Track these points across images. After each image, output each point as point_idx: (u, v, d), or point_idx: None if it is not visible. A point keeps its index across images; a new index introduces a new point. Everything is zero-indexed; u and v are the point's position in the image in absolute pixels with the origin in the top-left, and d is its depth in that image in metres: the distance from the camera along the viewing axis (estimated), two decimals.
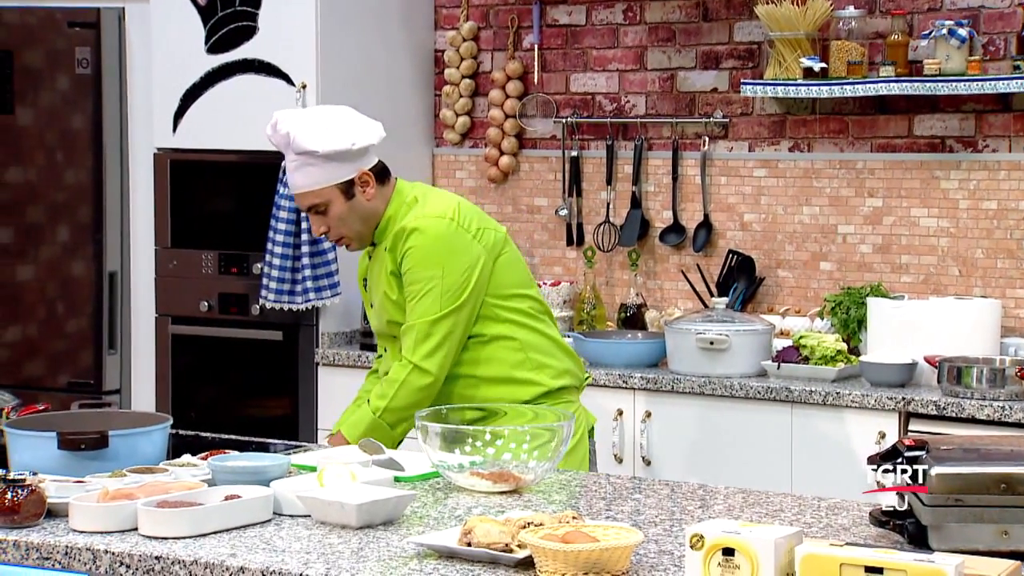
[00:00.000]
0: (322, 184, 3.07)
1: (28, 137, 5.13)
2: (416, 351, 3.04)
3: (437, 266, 3.05)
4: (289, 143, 3.06)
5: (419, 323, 3.04)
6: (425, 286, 3.04)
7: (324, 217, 3.10)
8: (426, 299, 3.04)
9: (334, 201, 3.08)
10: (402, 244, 3.07)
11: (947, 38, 4.19)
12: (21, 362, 5.18)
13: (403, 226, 3.07)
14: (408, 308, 3.07)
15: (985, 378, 3.81)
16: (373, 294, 3.19)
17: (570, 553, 2.05)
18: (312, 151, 3.05)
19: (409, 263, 3.06)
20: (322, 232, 3.12)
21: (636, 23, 4.82)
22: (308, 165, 3.06)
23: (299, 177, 3.08)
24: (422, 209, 3.11)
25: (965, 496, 2.17)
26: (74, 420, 2.79)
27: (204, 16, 4.82)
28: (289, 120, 3.09)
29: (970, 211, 4.38)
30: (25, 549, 2.32)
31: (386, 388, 3.07)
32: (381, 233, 3.13)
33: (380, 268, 3.14)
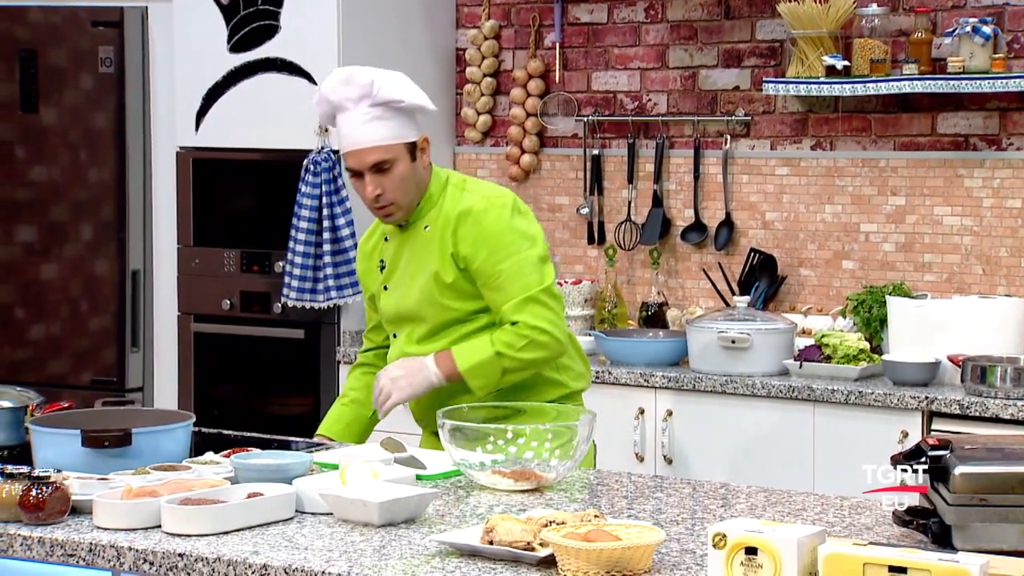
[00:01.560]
0: (396, 139, 2.98)
1: (52, 136, 5.16)
2: (542, 318, 2.95)
3: (522, 239, 2.99)
4: (370, 92, 2.96)
5: (533, 293, 2.95)
6: (517, 261, 2.97)
7: (385, 177, 2.98)
8: (523, 273, 2.96)
9: (400, 160, 2.99)
10: (471, 227, 2.98)
11: (971, 35, 4.17)
12: (45, 360, 5.21)
13: (467, 208, 2.99)
14: (503, 285, 2.96)
15: (1009, 377, 3.79)
16: (402, 276, 3.08)
17: (592, 552, 2.05)
18: (397, 100, 2.97)
19: (492, 243, 2.97)
20: (376, 194, 2.99)
21: (658, 21, 4.82)
22: (383, 119, 2.97)
23: (372, 130, 2.97)
24: (479, 190, 3.06)
25: (989, 496, 2.16)
26: (98, 418, 2.80)
27: (226, 15, 4.84)
28: (367, 71, 3.00)
29: (994, 209, 4.36)
30: (50, 546, 2.33)
31: (513, 339, 2.95)
32: (418, 212, 3.05)
33: (425, 247, 3.03)
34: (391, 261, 3.12)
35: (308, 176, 4.64)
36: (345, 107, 3.00)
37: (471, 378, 2.96)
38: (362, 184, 3.01)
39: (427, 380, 2.99)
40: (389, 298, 3.13)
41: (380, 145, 2.98)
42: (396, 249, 3.11)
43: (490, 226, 2.98)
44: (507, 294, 2.97)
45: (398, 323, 3.13)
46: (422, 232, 3.05)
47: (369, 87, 2.97)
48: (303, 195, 4.63)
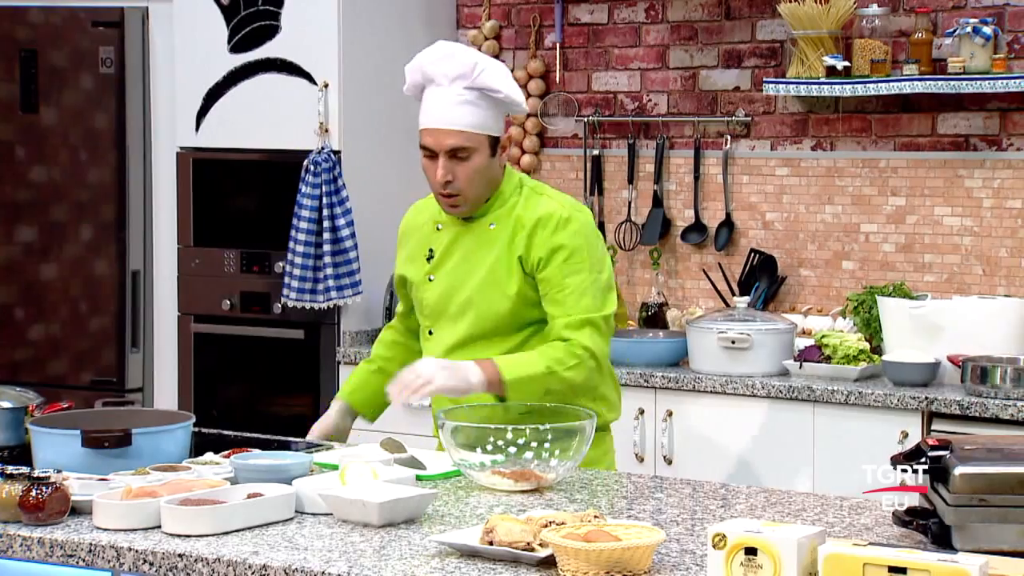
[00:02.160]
0: (482, 129, 2.87)
1: (52, 136, 5.16)
2: (595, 343, 2.87)
3: (595, 261, 2.92)
4: (469, 73, 2.85)
5: (595, 317, 2.87)
6: (587, 279, 2.88)
7: (459, 165, 2.87)
8: (589, 293, 2.88)
9: (480, 152, 2.88)
10: (551, 232, 2.89)
11: (971, 36, 4.17)
12: (45, 360, 5.21)
13: (549, 213, 2.90)
14: (567, 299, 2.87)
15: (1009, 378, 3.79)
16: (457, 268, 2.96)
17: (592, 552, 2.05)
18: (494, 89, 2.86)
19: (566, 254, 2.88)
20: (446, 179, 2.88)
21: (658, 22, 4.82)
22: (475, 104, 2.87)
23: (462, 113, 2.86)
24: (560, 198, 2.96)
25: (989, 496, 2.16)
26: (98, 418, 2.80)
27: (227, 15, 4.84)
28: (472, 52, 2.93)
29: (994, 210, 4.36)
30: (49, 546, 2.33)
31: (566, 356, 2.86)
32: (487, 207, 2.94)
33: (488, 245, 2.93)
34: (442, 252, 3.00)
35: (308, 176, 4.64)
36: (439, 82, 2.88)
37: (513, 390, 2.84)
38: (433, 165, 2.90)
39: (467, 380, 2.83)
40: (433, 289, 3.00)
41: (464, 131, 2.87)
42: (451, 241, 2.99)
43: (569, 237, 2.89)
44: (567, 309, 2.88)
45: (437, 318, 3.01)
46: (487, 229, 2.95)
47: (470, 68, 2.86)
48: (303, 195, 4.64)
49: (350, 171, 4.69)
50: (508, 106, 2.93)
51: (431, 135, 2.89)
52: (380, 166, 4.83)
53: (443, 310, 2.99)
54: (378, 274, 4.75)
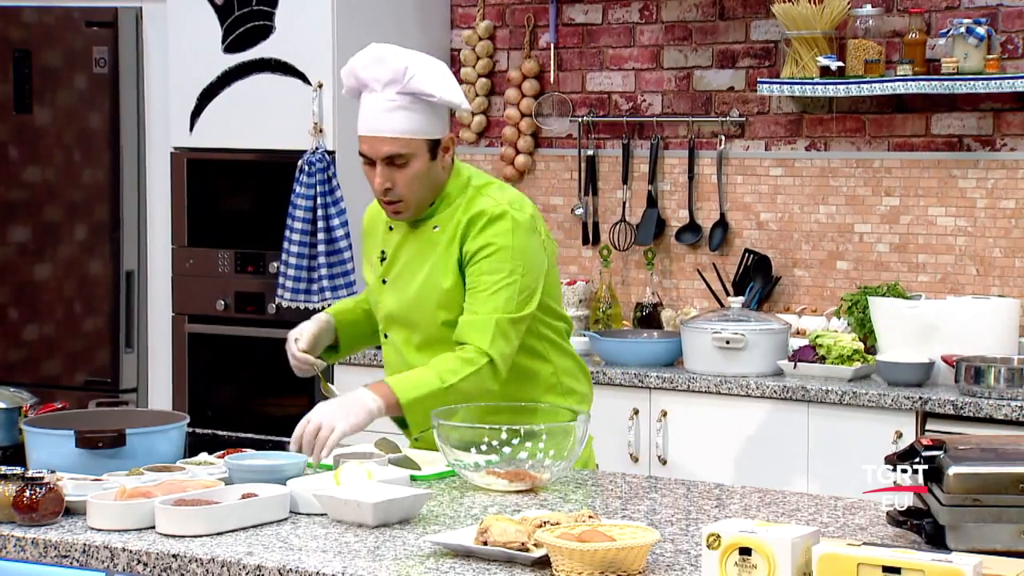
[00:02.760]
0: (417, 134, 2.79)
1: (46, 136, 5.15)
2: (494, 346, 2.77)
3: (519, 262, 2.81)
4: (401, 79, 2.77)
5: (501, 318, 2.77)
6: (504, 280, 2.79)
7: (397, 172, 2.81)
8: (502, 294, 2.78)
9: (418, 157, 2.81)
10: (479, 229, 2.82)
11: (965, 36, 4.17)
12: (39, 361, 5.20)
13: (481, 210, 2.83)
14: (478, 297, 2.80)
15: (1003, 378, 3.80)
16: (403, 273, 2.92)
17: (586, 552, 2.05)
18: (428, 95, 2.78)
19: (489, 251, 2.80)
20: (385, 187, 2.82)
21: (652, 22, 4.82)
22: (408, 109, 2.79)
23: (395, 120, 2.78)
24: (499, 195, 2.87)
25: (983, 496, 2.16)
26: (91, 418, 2.80)
27: (221, 15, 4.83)
28: (402, 55, 2.81)
29: (988, 210, 4.37)
30: (43, 547, 2.32)
31: (459, 367, 2.76)
32: (433, 209, 2.88)
33: (430, 249, 2.88)
34: (392, 254, 2.95)
35: (303, 176, 4.64)
36: (371, 87, 2.81)
37: (411, 411, 2.75)
38: (372, 172, 2.85)
39: (367, 412, 2.73)
40: (386, 295, 2.96)
41: (399, 138, 2.79)
42: (399, 243, 2.94)
43: (496, 235, 2.82)
44: (475, 307, 2.80)
45: (390, 323, 2.98)
46: (430, 232, 2.90)
47: (401, 73, 2.78)
48: (297, 195, 4.63)
49: (344, 171, 4.69)
50: (445, 107, 2.85)
51: (367, 143, 2.83)
52: None
53: (394, 315, 2.95)
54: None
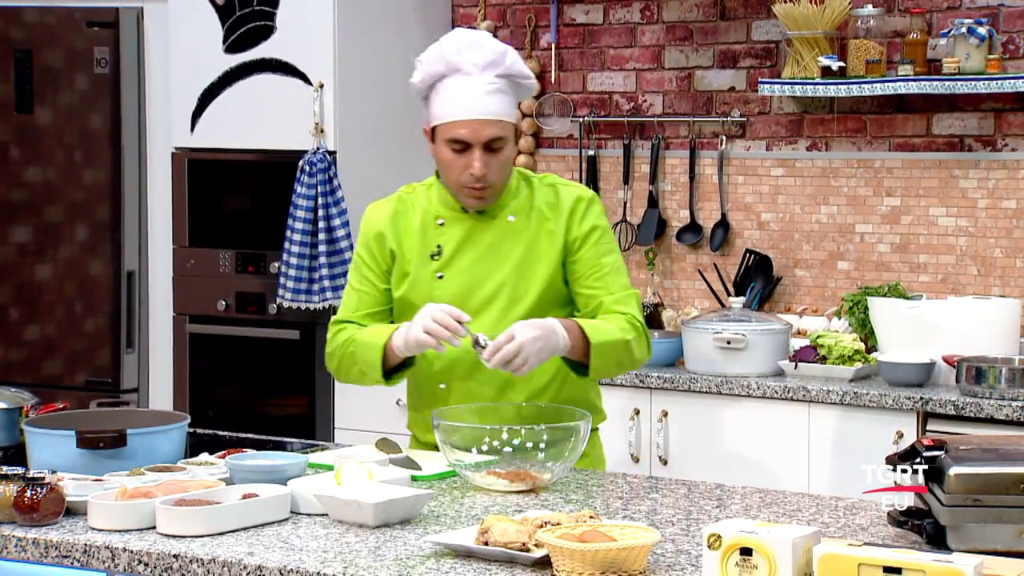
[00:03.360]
0: (511, 118, 2.81)
1: (47, 136, 5.16)
2: (642, 317, 2.88)
3: (616, 243, 2.96)
4: (501, 61, 2.78)
5: (636, 293, 2.89)
6: (618, 259, 2.90)
7: (495, 156, 2.78)
8: (622, 272, 2.90)
9: (510, 141, 2.81)
10: (582, 214, 2.86)
11: (966, 36, 4.17)
12: (40, 361, 5.20)
13: (578, 196, 2.88)
14: (606, 279, 2.85)
15: (1004, 378, 3.80)
16: (470, 265, 2.85)
17: (587, 552, 2.05)
18: (526, 75, 2.81)
19: (598, 234, 2.87)
20: (482, 173, 2.77)
21: (653, 22, 4.82)
22: (505, 92, 2.79)
23: (495, 101, 2.77)
24: (575, 184, 2.96)
25: (984, 496, 2.16)
26: (92, 419, 2.80)
27: (222, 16, 4.84)
28: (495, 40, 2.84)
29: (989, 210, 4.36)
30: (44, 547, 2.33)
31: (629, 328, 2.81)
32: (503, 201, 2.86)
33: (512, 238, 2.84)
34: (454, 248, 2.87)
35: (303, 177, 4.64)
36: (466, 71, 2.76)
37: (596, 356, 2.76)
38: (462, 159, 2.77)
39: (556, 347, 2.73)
40: (445, 287, 2.86)
41: (501, 120, 2.77)
42: (465, 236, 2.87)
43: (597, 217, 2.89)
44: (609, 287, 2.86)
45: None
46: (505, 222, 2.86)
47: (501, 56, 2.78)
48: (298, 196, 4.63)
49: (345, 171, 4.69)
50: (527, 92, 2.89)
51: (467, 126, 2.75)
52: (375, 166, 4.83)
53: (460, 307, 2.81)
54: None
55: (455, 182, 2.82)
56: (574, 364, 2.83)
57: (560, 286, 2.89)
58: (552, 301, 2.88)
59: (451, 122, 2.77)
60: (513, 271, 2.85)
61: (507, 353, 2.67)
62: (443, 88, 2.79)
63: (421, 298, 2.86)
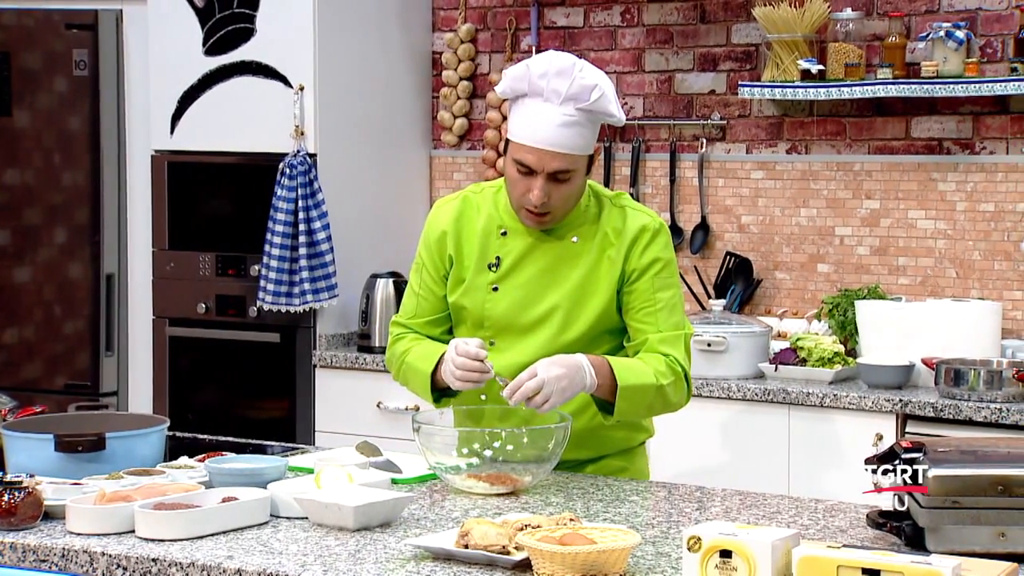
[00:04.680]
0: (585, 151, 2.72)
1: (25, 139, 5.13)
2: (687, 361, 2.80)
3: (677, 276, 2.85)
4: (588, 97, 2.68)
5: (686, 334, 2.80)
6: (676, 296, 2.81)
7: (557, 186, 2.71)
8: (678, 311, 2.81)
9: (579, 172, 2.73)
10: (645, 245, 2.78)
11: (944, 40, 4.19)
12: (18, 364, 5.18)
13: (643, 225, 2.79)
14: (659, 315, 2.78)
15: (982, 380, 3.81)
16: (527, 282, 2.79)
17: (567, 555, 2.05)
18: (610, 114, 2.72)
19: (659, 267, 2.79)
20: (541, 201, 2.70)
21: (634, 25, 4.83)
22: (583, 126, 2.69)
23: (569, 136, 2.68)
24: (645, 209, 2.85)
25: (962, 498, 2.17)
26: (71, 422, 2.79)
27: (202, 18, 4.82)
28: (589, 71, 2.71)
29: (967, 213, 4.38)
30: (22, 551, 2.31)
31: (668, 371, 2.75)
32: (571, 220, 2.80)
33: (572, 259, 2.78)
34: (512, 262, 2.81)
35: (284, 179, 4.63)
36: (547, 97, 2.69)
37: (623, 399, 2.69)
38: (526, 181, 2.71)
39: (582, 385, 2.67)
40: (499, 300, 2.80)
41: (570, 155, 2.70)
42: (525, 250, 2.81)
43: (662, 250, 2.80)
44: (659, 325, 2.78)
45: (502, 330, 2.82)
46: (569, 243, 2.80)
47: (588, 91, 2.68)
48: (279, 198, 4.62)
49: (326, 174, 4.68)
50: (610, 125, 2.82)
51: (534, 154, 2.69)
52: (356, 169, 4.82)
53: (512, 323, 2.80)
54: (354, 277, 4.74)
55: (516, 200, 2.76)
56: (603, 403, 2.76)
57: (614, 314, 2.81)
58: (605, 329, 2.82)
59: (521, 144, 2.71)
60: (569, 294, 2.79)
61: (527, 390, 2.62)
62: (523, 107, 2.73)
63: (475, 307, 2.82)
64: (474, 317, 2.83)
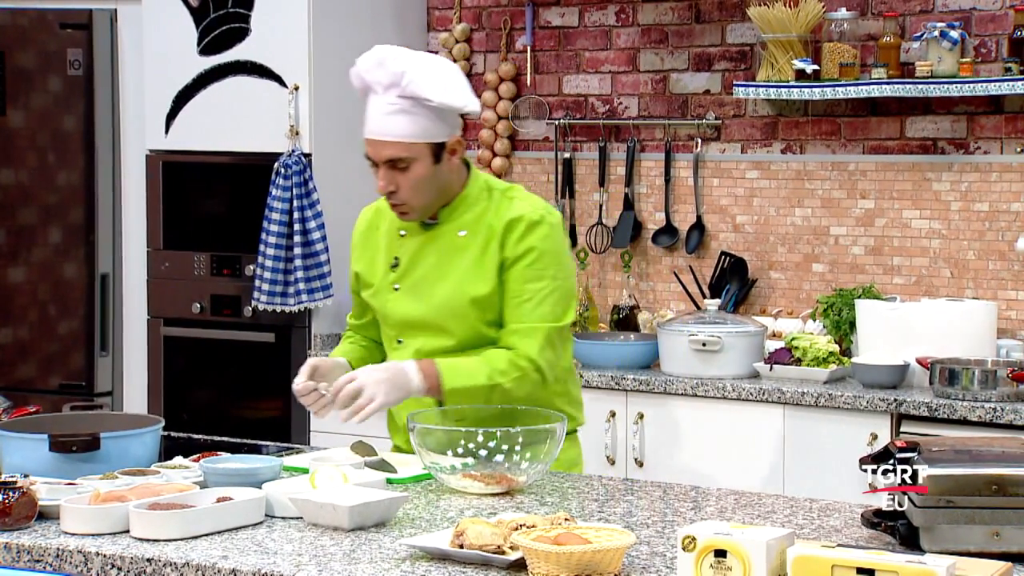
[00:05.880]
0: (418, 138, 2.76)
1: (20, 138, 5.13)
2: (543, 355, 2.79)
3: (559, 267, 2.83)
4: (399, 82, 2.74)
5: (547, 327, 2.79)
6: (548, 287, 2.80)
7: (400, 175, 2.77)
8: (548, 302, 2.80)
9: (420, 160, 2.77)
10: (520, 235, 2.81)
11: (939, 40, 4.20)
12: (13, 364, 5.17)
13: (519, 215, 2.81)
14: (524, 307, 2.80)
15: (977, 380, 3.82)
16: (425, 278, 2.87)
17: (562, 555, 2.05)
18: (425, 99, 2.73)
19: (532, 258, 2.80)
20: (389, 190, 2.78)
21: (629, 25, 4.83)
22: (409, 113, 2.75)
23: (396, 123, 2.75)
24: (531, 200, 2.86)
25: (956, 497, 2.17)
26: (66, 422, 2.78)
27: (196, 18, 4.82)
28: (403, 58, 2.77)
29: (962, 213, 4.39)
30: (16, 551, 2.31)
31: (509, 367, 2.78)
32: (450, 212, 2.85)
33: (458, 254, 2.84)
34: (408, 260, 2.89)
35: (279, 179, 4.63)
36: (375, 90, 2.79)
37: (452, 399, 2.77)
38: (376, 175, 2.82)
39: (407, 389, 2.75)
40: (400, 301, 2.89)
41: (400, 142, 2.76)
42: (417, 249, 2.89)
43: (539, 240, 2.81)
44: (522, 317, 2.80)
45: (405, 328, 2.91)
46: (455, 237, 2.86)
47: (399, 76, 2.74)
48: (273, 198, 4.62)
49: (320, 174, 4.68)
50: (446, 112, 2.80)
51: (370, 146, 2.81)
52: (350, 168, 4.81)
53: (411, 320, 2.89)
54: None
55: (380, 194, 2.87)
56: None
57: (500, 305, 2.85)
58: (494, 320, 2.85)
59: (364, 138, 2.82)
60: (457, 289, 2.85)
61: (348, 391, 2.71)
62: (366, 104, 2.83)
63: (381, 307, 2.94)
64: (381, 316, 2.95)
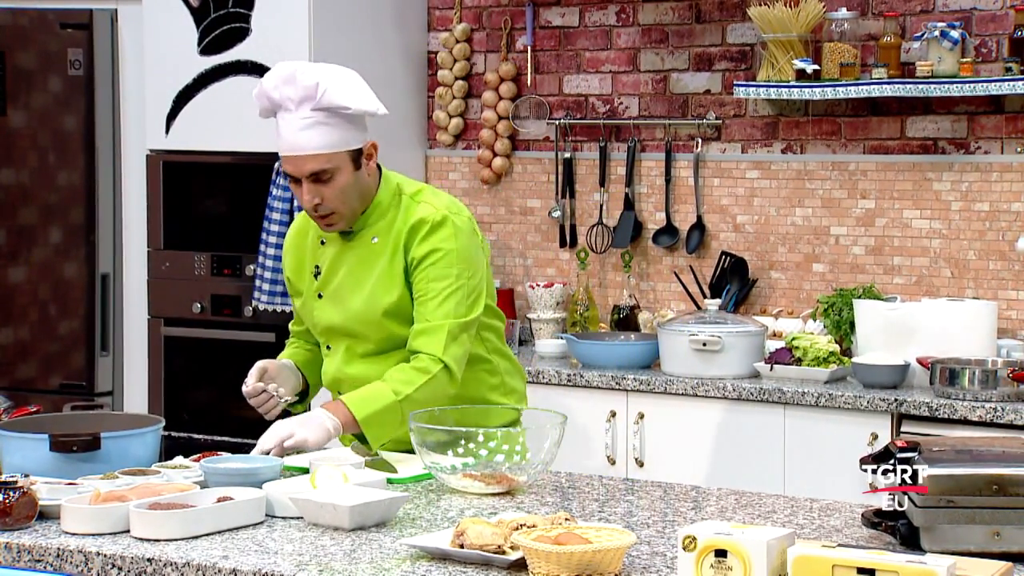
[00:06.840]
0: (338, 147, 2.79)
1: (20, 138, 5.13)
2: (447, 352, 2.81)
3: (464, 265, 2.85)
4: (314, 95, 2.77)
5: (451, 323, 2.82)
6: (452, 285, 2.83)
7: (324, 187, 2.81)
8: (451, 299, 2.83)
9: (343, 169, 2.81)
10: (422, 237, 2.85)
11: (939, 40, 4.19)
12: (13, 364, 5.17)
13: (421, 218, 2.85)
14: (428, 305, 2.83)
15: (977, 379, 3.82)
16: (343, 285, 2.92)
17: (563, 555, 2.05)
18: (342, 107, 2.77)
19: (435, 258, 2.84)
20: (314, 203, 2.82)
21: (629, 25, 4.83)
22: (326, 124, 2.78)
23: (313, 136, 2.78)
24: (436, 200, 2.90)
25: (957, 497, 2.18)
26: (66, 422, 2.79)
27: (197, 18, 4.82)
28: (312, 71, 2.79)
29: (962, 213, 4.39)
30: (17, 551, 2.31)
31: (412, 376, 2.80)
32: (365, 219, 2.90)
33: (371, 261, 2.89)
34: (328, 268, 2.96)
35: (279, 179, 4.63)
36: (286, 107, 2.80)
37: (368, 427, 2.77)
38: (299, 190, 2.84)
39: (323, 428, 2.78)
40: (323, 309, 2.97)
41: (320, 154, 2.79)
42: (335, 257, 2.95)
43: (442, 240, 2.85)
44: (427, 315, 2.84)
45: (331, 336, 2.98)
46: (369, 243, 2.91)
47: (313, 89, 2.77)
48: (274, 198, 4.62)
49: None
50: (363, 116, 2.84)
51: (290, 162, 2.82)
52: None
53: (334, 327, 2.95)
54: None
55: (304, 209, 2.89)
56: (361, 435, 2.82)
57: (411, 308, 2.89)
58: (410, 324, 2.88)
59: (281, 157, 2.85)
60: (369, 298, 2.89)
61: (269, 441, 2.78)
62: (276, 122, 2.84)
63: (307, 315, 3.03)
64: (310, 324, 3.03)
